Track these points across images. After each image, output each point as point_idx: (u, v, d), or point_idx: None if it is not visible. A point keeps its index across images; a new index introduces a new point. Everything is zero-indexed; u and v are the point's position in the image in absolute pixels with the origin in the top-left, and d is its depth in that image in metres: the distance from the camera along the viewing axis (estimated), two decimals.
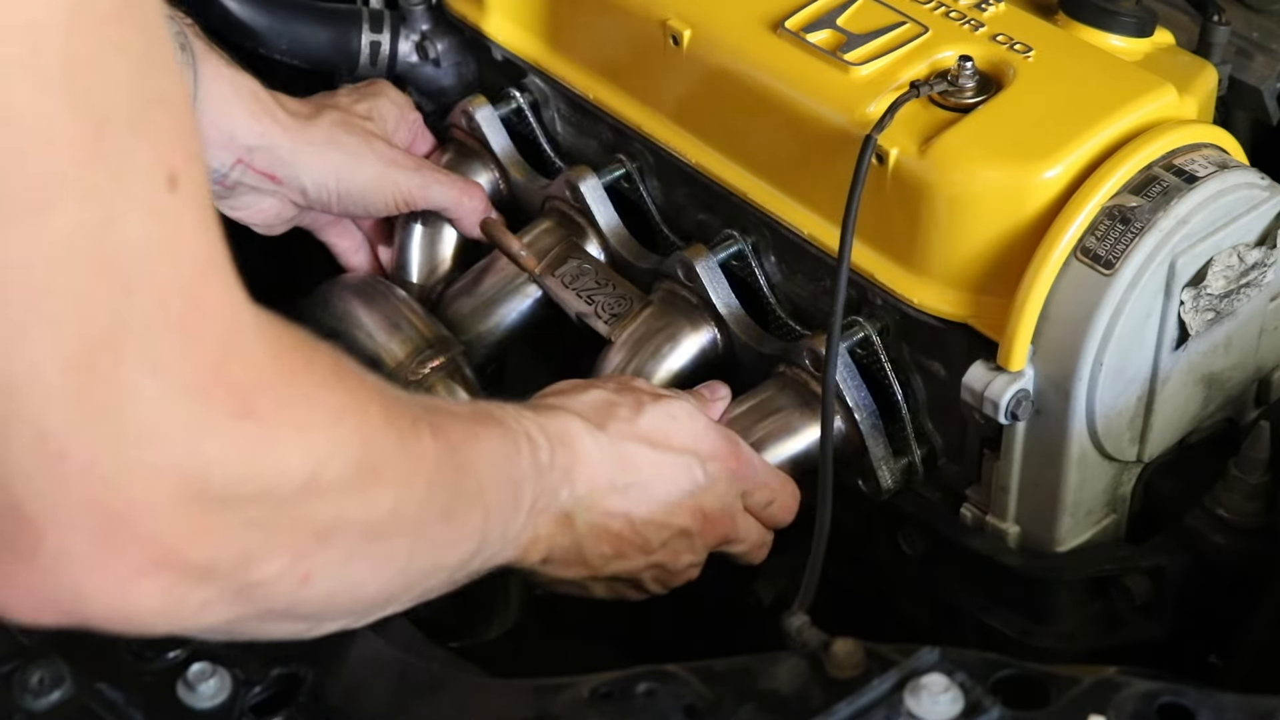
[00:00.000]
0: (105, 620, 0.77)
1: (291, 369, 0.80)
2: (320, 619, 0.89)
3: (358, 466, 0.83)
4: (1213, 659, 1.21)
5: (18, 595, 0.75)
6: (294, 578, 0.82)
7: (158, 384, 0.72)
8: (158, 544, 0.75)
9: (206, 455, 0.75)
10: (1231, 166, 1.14)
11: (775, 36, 1.23)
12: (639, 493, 1.14)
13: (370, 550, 0.88)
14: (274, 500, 0.79)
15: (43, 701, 0.91)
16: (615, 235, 1.35)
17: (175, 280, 0.73)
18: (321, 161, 1.34)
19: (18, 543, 0.73)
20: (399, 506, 0.88)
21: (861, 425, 1.21)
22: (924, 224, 1.15)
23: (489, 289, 1.38)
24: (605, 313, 1.32)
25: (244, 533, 0.78)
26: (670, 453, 1.15)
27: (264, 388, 0.77)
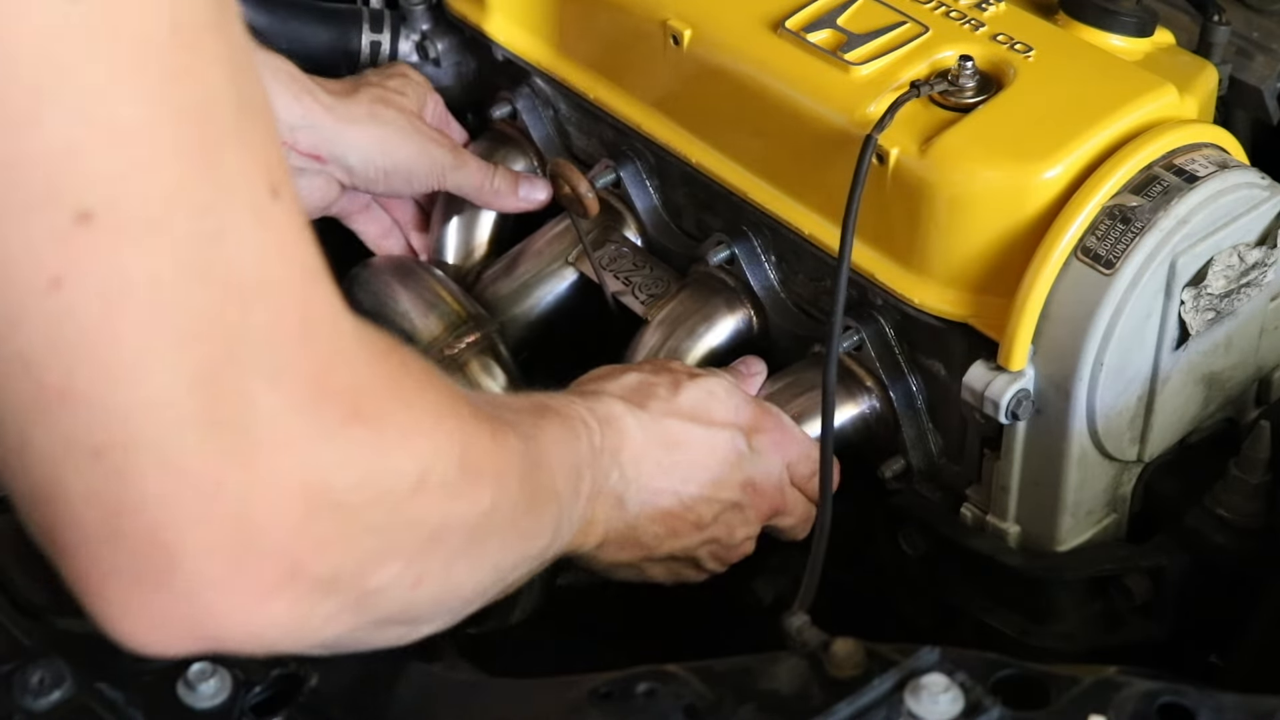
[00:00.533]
0: (238, 641, 0.76)
1: (390, 374, 0.80)
2: (422, 622, 0.89)
3: (460, 467, 0.84)
4: (1213, 659, 1.21)
5: (149, 626, 0.74)
6: (407, 582, 0.83)
7: (276, 395, 0.72)
8: (287, 558, 0.74)
9: (326, 464, 0.75)
10: (1232, 166, 1.14)
11: (775, 36, 1.23)
12: (686, 469, 1.15)
13: (471, 549, 0.88)
14: (388, 505, 0.79)
15: (43, 701, 0.91)
16: (652, 220, 1.36)
17: (287, 290, 0.73)
18: (366, 138, 1.33)
19: (150, 571, 0.72)
20: (496, 504, 0.89)
21: (896, 404, 1.22)
22: (924, 224, 1.15)
23: (525, 272, 1.39)
24: (642, 293, 1.33)
25: (362, 540, 0.78)
26: (713, 427, 1.16)
27: (370, 393, 0.77)
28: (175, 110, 0.68)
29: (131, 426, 0.70)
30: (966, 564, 1.22)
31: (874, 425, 1.24)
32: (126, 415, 0.70)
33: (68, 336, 0.68)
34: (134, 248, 0.68)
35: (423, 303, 1.35)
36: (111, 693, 0.92)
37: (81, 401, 0.69)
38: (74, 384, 0.69)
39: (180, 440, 0.70)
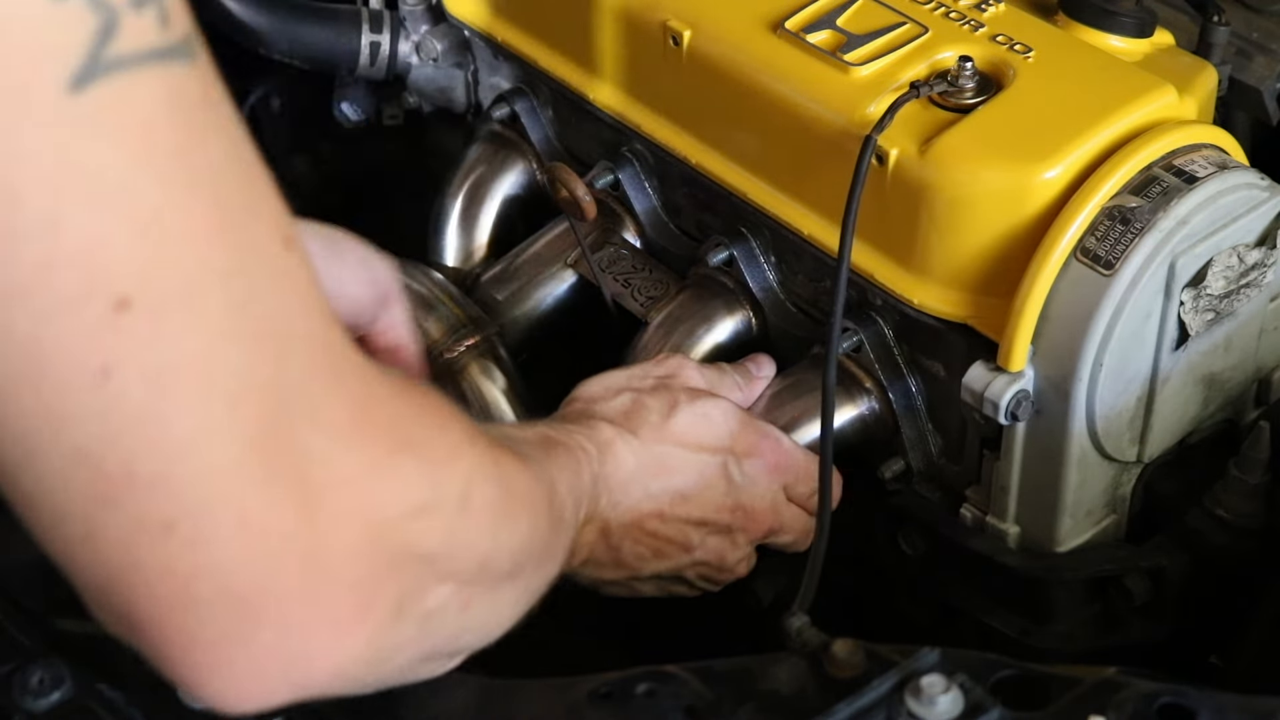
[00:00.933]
0: (325, 681, 0.77)
1: (419, 404, 0.82)
2: (461, 651, 0.91)
3: (500, 489, 0.87)
4: (1213, 659, 1.21)
5: (240, 682, 0.75)
6: (458, 604, 0.85)
7: (325, 438, 0.74)
8: (361, 591, 0.76)
9: (381, 494, 0.76)
10: (1231, 167, 1.14)
11: (775, 37, 1.23)
12: (673, 494, 1.15)
13: (514, 572, 0.91)
14: (441, 528, 0.81)
15: (43, 702, 0.91)
16: (651, 222, 1.36)
17: (313, 336, 0.75)
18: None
19: (233, 630, 0.74)
20: (533, 526, 0.92)
21: (896, 405, 1.22)
22: (924, 224, 1.15)
23: (525, 274, 1.39)
24: (641, 295, 1.33)
25: (419, 566, 0.80)
26: (703, 453, 1.16)
27: (407, 423, 0.79)
28: (188, 186, 0.69)
29: (199, 496, 0.71)
30: (966, 565, 1.22)
31: (873, 426, 1.24)
32: (192, 486, 0.71)
33: (122, 424, 0.69)
34: (173, 325, 0.69)
35: (422, 306, 1.35)
36: (111, 693, 0.92)
37: (145, 483, 0.70)
38: (135, 468, 0.70)
39: (247, 499, 0.72)
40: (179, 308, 0.69)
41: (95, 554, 0.72)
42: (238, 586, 0.73)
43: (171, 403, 0.70)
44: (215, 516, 0.71)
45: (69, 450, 0.70)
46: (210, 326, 0.70)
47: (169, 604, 0.73)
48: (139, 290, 0.68)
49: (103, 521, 0.71)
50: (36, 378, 0.68)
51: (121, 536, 0.71)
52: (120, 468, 0.70)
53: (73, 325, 0.68)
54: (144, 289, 0.68)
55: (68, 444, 0.70)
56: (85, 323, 0.68)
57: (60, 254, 0.67)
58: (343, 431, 0.75)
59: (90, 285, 0.68)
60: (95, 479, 0.70)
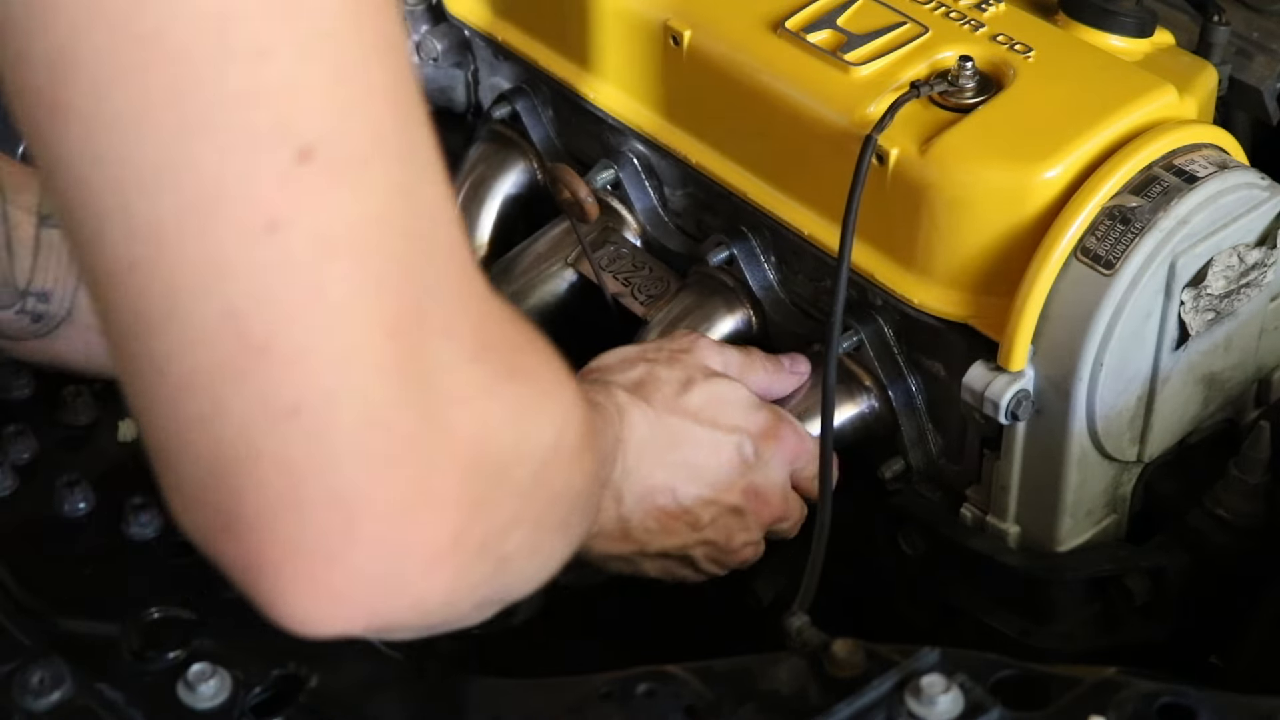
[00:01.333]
0: (403, 612, 0.75)
1: (528, 335, 0.82)
2: (510, 600, 0.88)
3: (580, 433, 0.85)
4: (1213, 659, 1.21)
5: (326, 600, 0.72)
6: (530, 546, 0.83)
7: (453, 348, 0.72)
8: (454, 519, 0.73)
9: (490, 419, 0.75)
10: (1231, 167, 1.14)
11: (775, 37, 1.23)
12: (687, 469, 1.14)
13: (570, 519, 0.89)
14: (531, 467, 0.79)
15: (43, 702, 0.91)
16: (652, 221, 1.36)
17: (454, 247, 0.74)
18: None
19: (337, 540, 0.71)
20: (592, 480, 0.91)
21: (896, 404, 1.22)
22: (924, 224, 1.15)
23: (525, 273, 1.39)
24: (642, 294, 1.33)
25: (507, 502, 0.78)
26: (718, 430, 1.16)
27: (519, 351, 0.79)
28: (381, 52, 0.69)
29: (330, 381, 0.69)
30: (966, 564, 1.22)
31: (873, 425, 1.24)
32: (327, 369, 0.68)
33: (279, 284, 0.67)
34: (347, 189, 0.68)
35: None
36: (111, 693, 0.92)
37: (282, 358, 0.68)
38: (276, 339, 0.68)
39: (376, 392, 0.69)
40: (356, 173, 0.68)
41: (211, 438, 0.69)
42: (347, 490, 0.69)
43: (330, 270, 0.67)
44: (341, 407, 0.69)
45: (218, 308, 0.67)
46: (379, 202, 0.69)
47: (276, 502, 0.69)
48: (324, 144, 0.67)
49: (229, 398, 0.68)
50: (208, 220, 0.66)
51: (244, 418, 0.68)
52: (263, 333, 0.67)
53: (257, 167, 0.66)
54: (329, 144, 0.67)
55: (219, 301, 0.67)
56: (269, 166, 0.66)
57: (262, 87, 0.65)
58: (467, 347, 0.73)
59: (283, 127, 0.66)
60: (237, 346, 0.67)
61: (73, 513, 1.08)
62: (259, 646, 0.98)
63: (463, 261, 0.75)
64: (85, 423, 1.15)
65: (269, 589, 0.72)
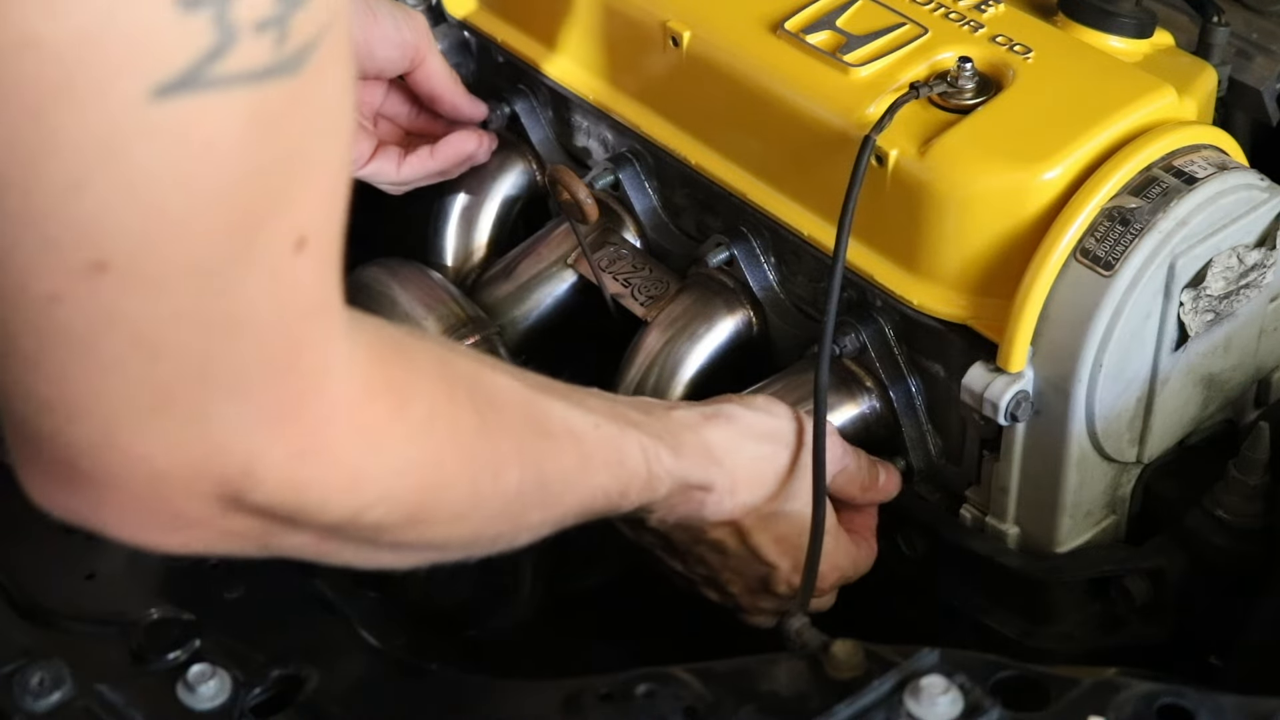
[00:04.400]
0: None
1: (373, 417, 0.81)
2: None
3: (412, 504, 0.85)
4: (1213, 659, 1.21)
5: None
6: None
7: (237, 410, 0.74)
8: (182, 525, 0.77)
9: (255, 472, 0.76)
10: (1231, 168, 1.14)
11: (775, 38, 1.23)
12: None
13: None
14: (314, 524, 0.81)
15: (43, 703, 0.91)
16: (652, 222, 1.36)
17: (275, 328, 0.74)
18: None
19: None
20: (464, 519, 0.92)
21: (896, 405, 1.22)
22: (923, 225, 1.15)
23: (525, 274, 1.39)
24: (641, 295, 1.33)
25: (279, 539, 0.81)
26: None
27: (338, 432, 0.79)
28: (226, 205, 0.69)
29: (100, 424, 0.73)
30: (966, 565, 1.22)
31: (874, 426, 1.24)
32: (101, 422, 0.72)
33: (56, 345, 0.70)
34: (139, 295, 0.69)
35: (422, 305, 1.35)
36: (111, 694, 0.92)
37: (62, 405, 0.72)
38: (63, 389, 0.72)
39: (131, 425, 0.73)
40: (151, 284, 0.69)
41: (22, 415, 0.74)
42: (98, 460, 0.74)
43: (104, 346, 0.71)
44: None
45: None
46: (169, 305, 0.70)
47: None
48: (120, 259, 0.68)
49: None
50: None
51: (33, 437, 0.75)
52: (46, 388, 0.72)
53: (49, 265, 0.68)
54: (124, 257, 0.68)
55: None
56: (67, 278, 0.68)
57: (72, 214, 0.67)
58: (261, 413, 0.76)
59: (80, 245, 0.67)
60: (32, 390, 0.72)
61: None
62: (259, 646, 0.98)
63: (286, 339, 0.75)
64: None
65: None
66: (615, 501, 1.04)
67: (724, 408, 1.15)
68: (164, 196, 0.67)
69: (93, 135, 0.65)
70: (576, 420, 1.00)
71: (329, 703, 0.96)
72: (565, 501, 1.00)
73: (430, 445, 0.85)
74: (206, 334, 0.72)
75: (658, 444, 1.06)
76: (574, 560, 1.28)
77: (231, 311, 0.72)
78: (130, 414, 0.73)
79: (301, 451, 0.77)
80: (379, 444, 0.82)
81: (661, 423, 1.09)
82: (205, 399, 0.73)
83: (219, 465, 0.75)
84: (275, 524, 0.80)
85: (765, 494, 1.15)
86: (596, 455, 1.01)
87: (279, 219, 0.72)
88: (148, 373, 0.71)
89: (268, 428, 0.75)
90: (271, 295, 0.73)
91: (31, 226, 0.67)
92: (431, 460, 0.85)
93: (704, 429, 1.12)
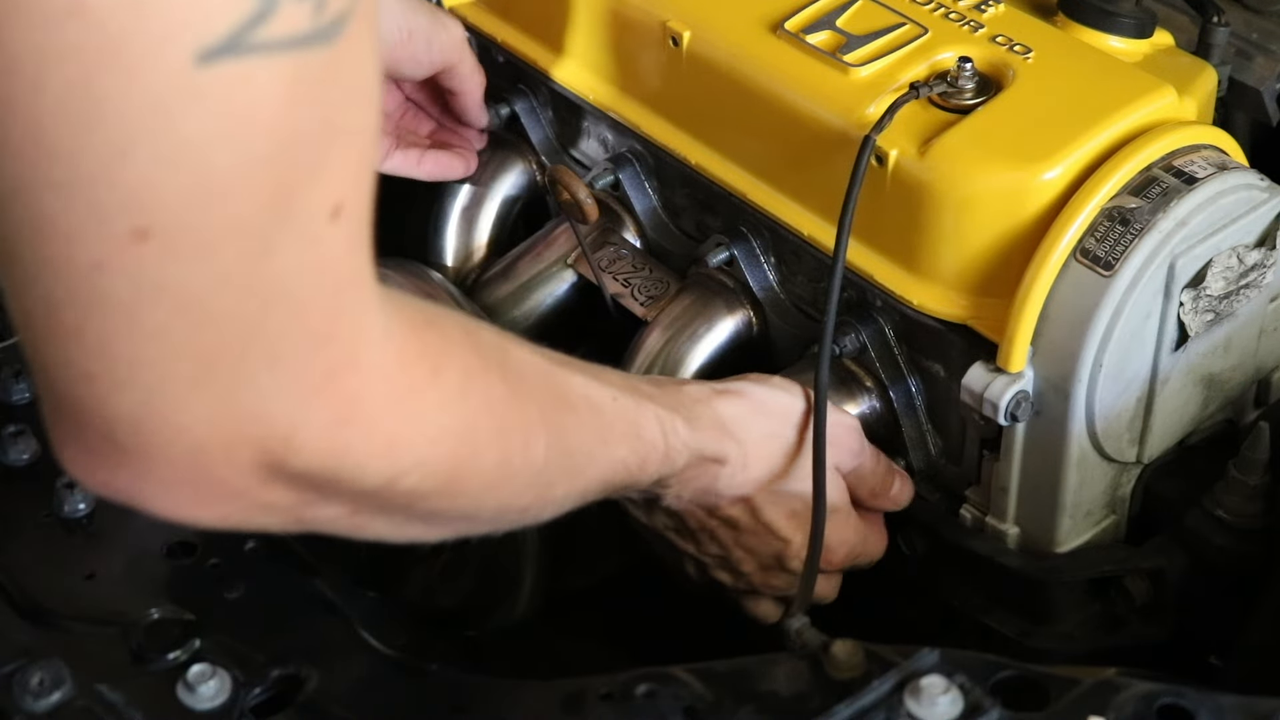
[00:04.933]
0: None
1: (409, 384, 0.82)
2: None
3: (447, 471, 0.86)
4: (1213, 660, 1.21)
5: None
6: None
7: (277, 379, 0.75)
8: (220, 498, 0.78)
9: (295, 440, 0.77)
10: (1231, 168, 1.14)
11: (775, 38, 1.23)
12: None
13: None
14: (350, 491, 0.82)
15: (43, 703, 0.91)
16: (652, 222, 1.36)
17: (313, 296, 0.75)
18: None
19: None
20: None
21: (896, 405, 1.22)
22: (923, 225, 1.15)
23: (524, 274, 1.39)
24: (641, 295, 1.33)
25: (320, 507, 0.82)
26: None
27: (376, 399, 0.80)
28: (270, 168, 0.70)
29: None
30: (966, 565, 1.22)
31: (874, 426, 1.24)
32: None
33: (101, 314, 0.71)
34: (182, 260, 0.70)
35: None
36: (111, 694, 0.92)
37: (104, 376, 0.73)
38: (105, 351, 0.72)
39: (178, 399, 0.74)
40: (197, 250, 0.70)
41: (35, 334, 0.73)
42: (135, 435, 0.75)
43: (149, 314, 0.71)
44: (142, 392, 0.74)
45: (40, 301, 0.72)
46: (210, 270, 0.71)
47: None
48: (163, 226, 0.69)
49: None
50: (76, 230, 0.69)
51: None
52: (73, 321, 0.72)
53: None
54: (167, 223, 0.69)
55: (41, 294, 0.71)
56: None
57: (117, 182, 0.68)
58: (299, 383, 0.77)
59: (124, 213, 0.68)
60: (50, 327, 0.72)
61: (73, 513, 1.08)
62: (259, 646, 0.98)
63: (323, 310, 0.76)
64: None
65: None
66: (635, 475, 1.06)
67: (736, 385, 1.16)
68: (207, 162, 0.69)
69: (139, 102, 0.66)
70: (595, 393, 1.02)
71: (329, 703, 0.96)
72: (587, 474, 1.01)
73: (463, 412, 0.86)
74: (247, 302, 0.73)
75: (673, 416, 1.08)
76: (575, 560, 1.28)
77: (271, 280, 0.73)
78: (172, 384, 0.73)
79: (340, 419, 0.78)
80: (415, 411, 0.83)
81: (675, 397, 1.11)
82: (246, 368, 0.74)
83: (259, 434, 0.76)
84: (311, 494, 0.81)
85: (776, 470, 1.16)
86: (615, 427, 1.03)
87: (315, 187, 0.73)
88: (189, 341, 0.72)
89: (307, 396, 0.77)
90: (309, 264, 0.74)
91: (77, 195, 0.68)
92: (465, 427, 0.87)
93: (716, 403, 1.13)
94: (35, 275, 0.71)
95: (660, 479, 1.09)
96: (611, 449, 1.03)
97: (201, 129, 0.68)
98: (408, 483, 0.84)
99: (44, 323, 0.72)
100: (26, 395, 1.16)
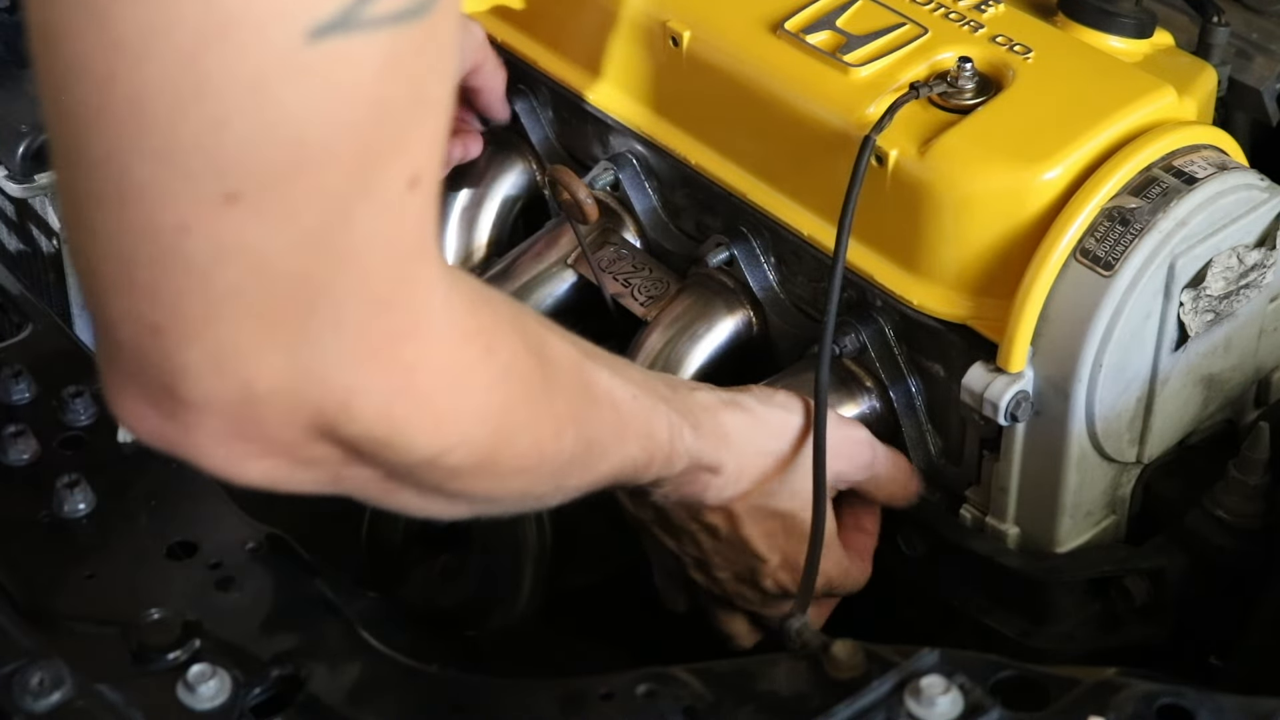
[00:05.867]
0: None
1: (463, 360, 0.83)
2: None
3: (486, 451, 0.87)
4: (1213, 659, 1.21)
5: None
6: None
7: (341, 343, 0.76)
8: (268, 453, 0.79)
9: (352, 405, 0.78)
10: (1231, 168, 1.14)
11: (775, 38, 1.23)
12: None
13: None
14: (393, 461, 0.83)
15: (43, 703, 0.91)
16: (652, 222, 1.36)
17: (384, 263, 0.76)
18: None
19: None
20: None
21: (896, 405, 1.22)
22: (923, 225, 1.15)
23: (524, 274, 1.39)
24: (641, 295, 1.33)
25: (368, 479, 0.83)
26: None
27: (432, 371, 0.81)
28: (359, 131, 0.72)
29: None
30: (966, 565, 1.22)
31: (873, 426, 1.24)
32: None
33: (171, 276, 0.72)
34: (262, 218, 0.71)
35: None
36: (111, 694, 0.92)
37: (173, 330, 0.74)
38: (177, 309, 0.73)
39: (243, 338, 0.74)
40: (278, 208, 0.71)
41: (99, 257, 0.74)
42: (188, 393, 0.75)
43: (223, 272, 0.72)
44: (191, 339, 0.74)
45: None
46: (291, 232, 0.72)
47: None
48: (252, 191, 0.70)
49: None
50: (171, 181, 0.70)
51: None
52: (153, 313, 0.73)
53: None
54: (256, 189, 0.70)
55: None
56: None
57: (212, 151, 0.69)
58: (360, 347, 0.78)
59: (216, 179, 0.69)
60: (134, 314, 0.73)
61: (73, 513, 1.08)
62: (259, 646, 0.98)
63: (391, 278, 0.77)
64: (85, 423, 1.15)
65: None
66: (640, 472, 1.06)
67: (742, 398, 1.17)
68: (302, 133, 0.70)
69: (244, 76, 0.67)
70: (618, 389, 1.03)
71: (329, 703, 0.96)
72: (600, 468, 1.02)
73: (506, 394, 0.87)
74: (320, 265, 0.74)
75: (683, 422, 1.09)
76: (575, 560, 1.28)
77: (346, 245, 0.74)
78: (239, 341, 0.74)
79: (396, 387, 0.79)
80: (467, 386, 0.84)
81: (686, 402, 1.11)
82: (312, 330, 0.75)
83: (318, 396, 0.77)
84: (354, 457, 0.81)
85: (763, 487, 1.16)
86: (632, 425, 1.04)
87: (398, 157, 0.74)
88: (260, 301, 0.73)
89: (368, 362, 0.77)
90: (384, 232, 0.75)
91: (170, 163, 0.69)
92: (506, 410, 0.88)
93: (721, 413, 1.14)
94: (113, 236, 0.71)
95: (657, 479, 1.10)
96: (625, 446, 1.03)
97: (302, 102, 0.69)
98: (451, 460, 0.85)
99: (115, 279, 0.73)
100: (26, 395, 1.16)
